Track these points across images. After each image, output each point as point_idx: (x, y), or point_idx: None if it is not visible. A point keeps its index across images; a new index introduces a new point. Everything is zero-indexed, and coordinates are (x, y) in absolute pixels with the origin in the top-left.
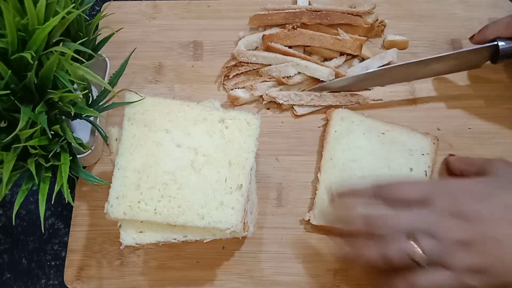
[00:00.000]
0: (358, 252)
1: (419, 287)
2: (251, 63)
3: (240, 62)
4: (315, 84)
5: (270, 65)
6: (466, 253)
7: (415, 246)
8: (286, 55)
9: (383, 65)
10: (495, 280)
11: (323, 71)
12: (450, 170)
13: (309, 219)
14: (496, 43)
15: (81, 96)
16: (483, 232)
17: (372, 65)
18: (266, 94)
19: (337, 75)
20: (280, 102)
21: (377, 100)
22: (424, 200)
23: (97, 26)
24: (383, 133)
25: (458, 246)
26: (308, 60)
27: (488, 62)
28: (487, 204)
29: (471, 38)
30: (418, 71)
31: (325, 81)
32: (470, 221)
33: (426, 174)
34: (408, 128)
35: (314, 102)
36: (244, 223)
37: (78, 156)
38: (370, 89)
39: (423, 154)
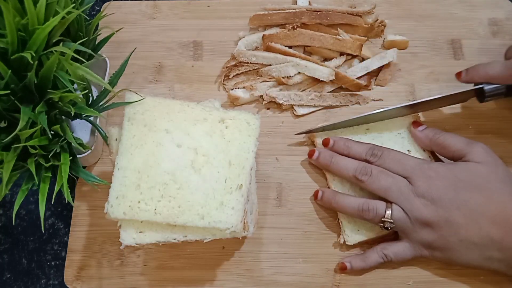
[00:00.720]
0: (339, 200)
1: (388, 256)
2: (251, 63)
3: (240, 62)
4: (315, 84)
5: (270, 65)
6: (425, 231)
7: (388, 211)
8: (286, 55)
9: (380, 110)
10: (443, 256)
11: (323, 71)
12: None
13: (344, 242)
14: (482, 86)
15: (81, 96)
16: (443, 217)
17: (372, 65)
18: (266, 94)
19: (339, 77)
20: (280, 102)
21: (377, 100)
22: (405, 175)
23: (97, 26)
24: (368, 129)
25: (420, 224)
26: (308, 60)
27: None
28: (453, 194)
29: (458, 75)
30: (407, 111)
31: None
32: (436, 205)
33: (424, 150)
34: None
35: (314, 102)
36: (244, 223)
37: (78, 156)
38: (370, 89)
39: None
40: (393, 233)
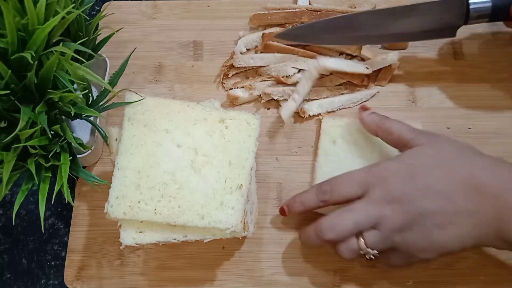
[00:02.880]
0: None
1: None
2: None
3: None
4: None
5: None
6: (407, 236)
7: (361, 242)
8: (285, 51)
9: None
10: (431, 255)
11: None
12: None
13: None
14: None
15: (81, 96)
16: (414, 212)
17: (372, 66)
18: (264, 92)
19: None
20: (276, 98)
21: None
22: (361, 193)
23: (97, 26)
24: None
25: (400, 232)
26: (307, 56)
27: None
28: (413, 184)
29: None
30: (387, 25)
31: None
32: (403, 203)
33: None
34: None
35: (309, 96)
36: (244, 223)
37: (78, 156)
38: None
39: None
40: None
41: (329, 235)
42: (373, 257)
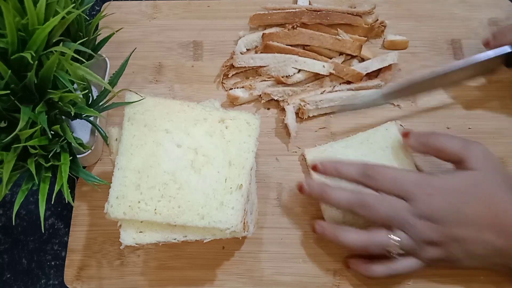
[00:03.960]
0: (340, 236)
1: (396, 271)
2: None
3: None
4: (315, 80)
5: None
6: (432, 249)
7: (392, 240)
8: (285, 52)
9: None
10: (448, 265)
11: (321, 64)
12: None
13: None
14: (510, 50)
15: (81, 96)
16: (448, 235)
17: (372, 66)
18: (264, 92)
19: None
20: (275, 98)
21: (371, 87)
22: (403, 196)
23: (97, 26)
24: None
25: (427, 244)
26: (307, 56)
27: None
28: (455, 210)
29: (486, 44)
30: (438, 82)
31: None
32: (440, 224)
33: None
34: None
35: (309, 97)
36: (244, 223)
37: (78, 156)
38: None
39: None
40: None
41: (360, 210)
42: (396, 256)
